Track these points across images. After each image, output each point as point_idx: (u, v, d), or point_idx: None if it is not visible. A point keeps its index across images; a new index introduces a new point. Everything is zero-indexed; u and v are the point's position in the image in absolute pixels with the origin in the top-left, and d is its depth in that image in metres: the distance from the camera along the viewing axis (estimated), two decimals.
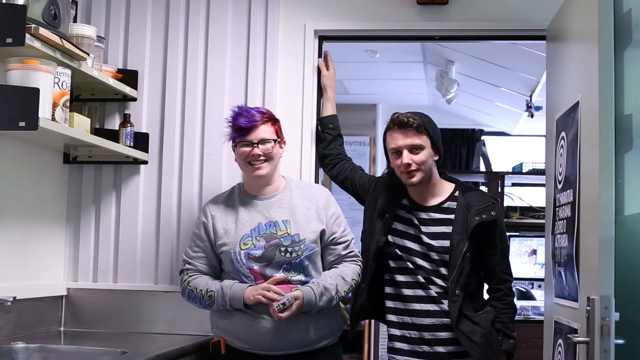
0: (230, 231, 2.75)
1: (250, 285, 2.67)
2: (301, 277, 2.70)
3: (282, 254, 2.69)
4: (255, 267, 2.69)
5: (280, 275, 2.66)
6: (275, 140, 2.76)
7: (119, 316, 3.23)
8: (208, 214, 2.80)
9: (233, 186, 2.91)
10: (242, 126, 2.72)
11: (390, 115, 2.86)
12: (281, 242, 2.70)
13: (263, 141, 2.73)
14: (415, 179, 2.80)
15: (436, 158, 2.85)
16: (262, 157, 2.73)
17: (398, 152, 2.80)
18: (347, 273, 2.76)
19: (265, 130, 2.74)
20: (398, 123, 2.79)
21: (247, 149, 2.72)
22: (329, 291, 2.67)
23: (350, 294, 2.86)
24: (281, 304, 2.57)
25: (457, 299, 2.75)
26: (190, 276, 2.77)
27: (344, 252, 2.80)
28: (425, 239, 2.82)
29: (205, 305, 2.72)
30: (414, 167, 2.78)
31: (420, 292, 2.83)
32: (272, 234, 2.72)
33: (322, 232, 2.76)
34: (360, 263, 2.83)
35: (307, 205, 2.79)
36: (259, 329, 2.65)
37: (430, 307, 2.81)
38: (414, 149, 2.78)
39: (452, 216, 2.82)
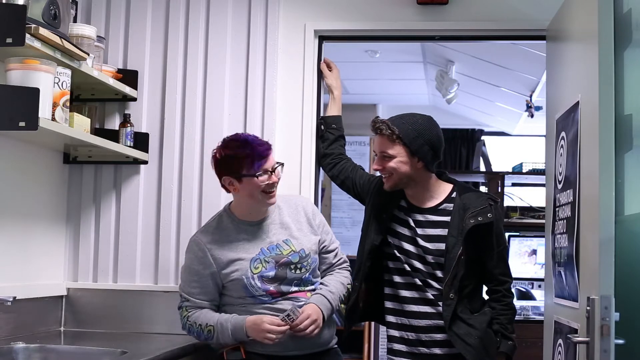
0: (234, 259, 2.71)
1: (248, 317, 2.66)
2: (311, 287, 2.78)
3: (293, 271, 2.73)
4: (271, 287, 2.71)
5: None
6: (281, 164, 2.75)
7: (119, 316, 3.24)
8: (203, 246, 2.73)
9: (219, 214, 2.84)
10: (263, 155, 2.67)
11: (390, 115, 2.87)
12: (290, 260, 2.73)
13: (275, 167, 2.71)
14: (386, 185, 2.83)
15: (419, 166, 2.79)
16: (277, 184, 2.72)
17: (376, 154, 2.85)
18: (343, 279, 2.87)
19: (273, 156, 2.73)
20: (372, 128, 2.82)
21: (266, 176, 2.67)
22: (335, 294, 2.78)
23: (343, 300, 2.90)
24: (286, 316, 2.61)
25: (451, 302, 2.73)
26: (189, 312, 2.73)
27: (334, 261, 2.89)
28: (421, 242, 2.81)
29: (205, 339, 2.71)
30: (384, 173, 2.80)
31: (416, 294, 2.82)
32: (278, 255, 2.73)
33: (318, 242, 2.81)
34: (349, 267, 2.93)
35: (298, 219, 2.82)
36: None
37: (426, 309, 2.80)
38: (384, 157, 2.79)
39: (448, 218, 2.81)
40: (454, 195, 2.85)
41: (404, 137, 2.77)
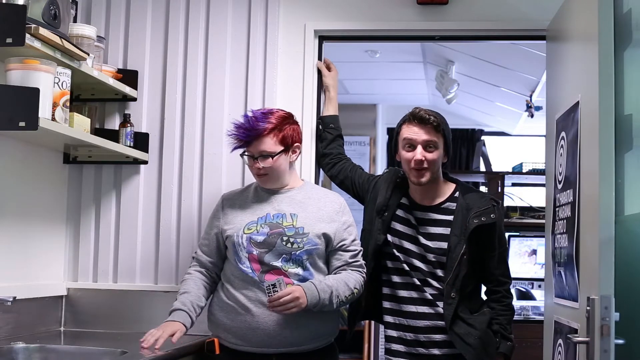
0: (237, 217, 2.78)
1: (175, 319, 2.69)
2: (299, 271, 2.68)
3: (284, 243, 2.69)
4: (255, 252, 2.69)
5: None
6: (277, 153, 2.70)
7: (119, 316, 3.23)
8: (221, 201, 2.87)
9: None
10: (242, 138, 2.71)
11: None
12: (284, 232, 2.70)
13: (263, 155, 2.71)
14: (424, 179, 2.78)
15: (444, 160, 2.83)
16: (261, 172, 2.73)
17: (412, 145, 2.76)
18: (351, 280, 2.71)
19: (266, 143, 2.69)
20: (419, 118, 2.76)
21: (251, 161, 2.75)
22: (331, 288, 2.63)
23: (347, 304, 2.81)
24: (270, 285, 2.57)
25: (452, 301, 2.73)
26: (191, 266, 2.86)
27: (350, 260, 2.76)
28: (423, 240, 2.81)
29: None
30: (425, 165, 2.75)
31: (415, 294, 2.81)
32: (277, 224, 2.73)
33: (328, 235, 2.73)
34: (364, 274, 2.79)
35: (320, 206, 2.79)
36: (252, 323, 2.66)
37: (425, 309, 2.80)
38: (429, 147, 2.75)
39: (450, 217, 2.80)
40: (456, 194, 2.85)
41: (445, 128, 2.79)
